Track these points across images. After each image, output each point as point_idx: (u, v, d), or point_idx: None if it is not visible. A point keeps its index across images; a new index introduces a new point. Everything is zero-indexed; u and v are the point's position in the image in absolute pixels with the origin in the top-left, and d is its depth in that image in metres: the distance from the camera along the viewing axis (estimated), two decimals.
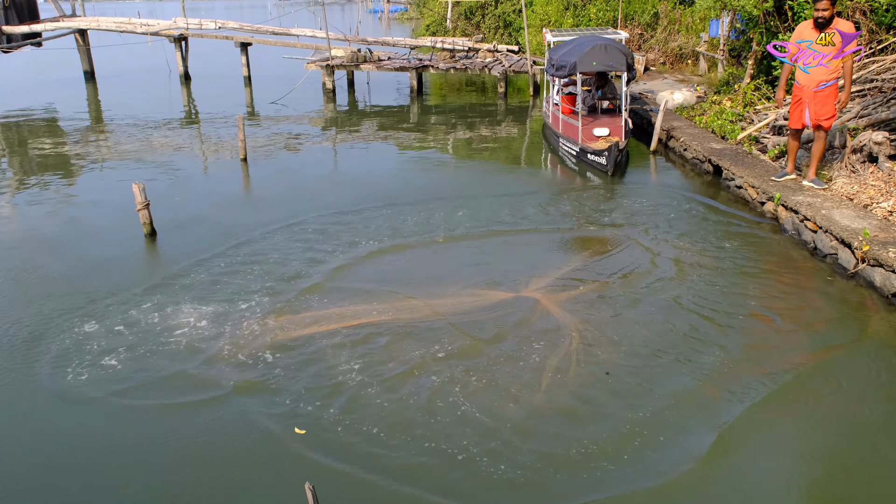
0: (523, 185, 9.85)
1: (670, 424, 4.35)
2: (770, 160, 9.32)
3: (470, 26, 25.65)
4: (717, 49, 15.78)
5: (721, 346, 5.27)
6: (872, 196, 7.30)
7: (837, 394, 4.69)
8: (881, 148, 7.85)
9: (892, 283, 5.81)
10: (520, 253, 7.18)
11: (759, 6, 11.08)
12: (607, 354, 5.15)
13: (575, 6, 21.26)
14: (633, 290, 6.26)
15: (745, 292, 6.19)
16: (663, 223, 7.99)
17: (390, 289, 6.29)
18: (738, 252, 7.09)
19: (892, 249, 5.99)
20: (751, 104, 11.58)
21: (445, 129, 14.22)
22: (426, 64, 18.44)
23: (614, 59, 10.31)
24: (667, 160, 11.22)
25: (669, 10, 19.54)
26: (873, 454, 4.09)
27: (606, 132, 10.71)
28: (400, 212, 8.39)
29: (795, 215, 7.40)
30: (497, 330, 5.52)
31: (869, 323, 5.59)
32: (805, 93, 7.38)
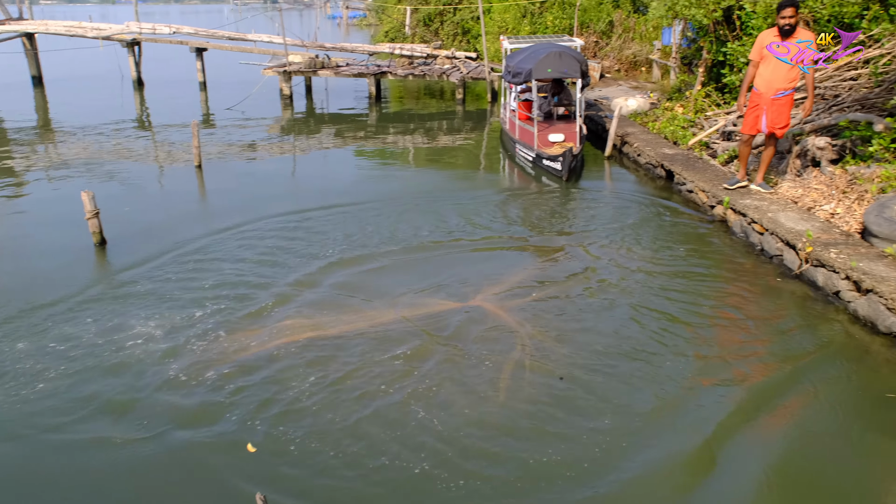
0: (480, 190, 9.91)
1: (630, 430, 4.37)
2: (720, 165, 9.55)
3: (429, 33, 25.73)
4: (669, 57, 16.13)
5: (676, 351, 5.35)
6: (816, 199, 7.53)
7: (788, 397, 4.81)
8: (823, 153, 8.11)
9: (834, 283, 6.00)
10: (474, 261, 7.16)
11: (708, 16, 11.35)
12: (561, 361, 5.17)
13: (532, 14, 21.50)
14: (587, 295, 6.33)
15: (698, 294, 6.32)
16: (617, 227, 8.11)
17: (344, 301, 6.20)
18: (690, 255, 7.24)
19: (833, 250, 6.19)
20: (701, 110, 11.85)
21: (404, 135, 14.25)
22: (385, 70, 18.45)
23: (569, 66, 10.48)
24: (621, 165, 11.41)
25: (624, 19, 19.91)
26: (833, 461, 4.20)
27: (562, 138, 10.85)
28: (356, 219, 8.36)
29: (744, 218, 7.60)
30: (449, 340, 5.47)
31: (816, 325, 5.74)
32: (763, 100, 7.46)
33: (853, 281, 5.79)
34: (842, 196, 7.33)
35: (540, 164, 10.66)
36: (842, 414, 4.56)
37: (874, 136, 7.57)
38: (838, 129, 8.38)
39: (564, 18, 20.55)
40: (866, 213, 6.48)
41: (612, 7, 20.60)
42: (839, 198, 7.34)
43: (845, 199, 7.26)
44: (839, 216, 7.08)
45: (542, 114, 11.90)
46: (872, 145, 7.45)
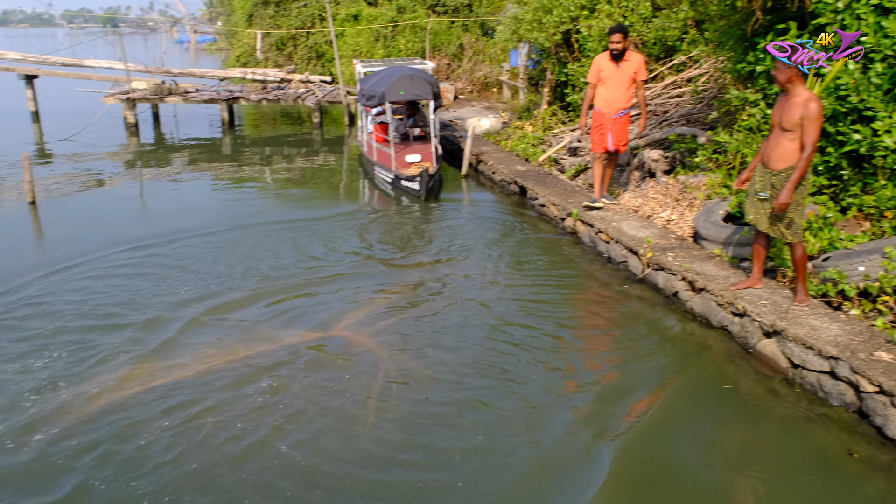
0: (341, 214, 9.84)
1: (495, 450, 4.40)
2: (568, 179, 10.09)
3: (282, 57, 25.35)
4: (517, 78, 16.88)
5: (536, 360, 5.51)
6: (653, 207, 8.13)
7: (638, 395, 5.11)
8: (658, 164, 8.79)
9: (673, 285, 6.48)
10: (336, 287, 7.03)
11: (549, 39, 12.01)
12: (427, 381, 5.20)
13: (385, 37, 21.77)
14: (449, 312, 6.42)
15: (554, 304, 6.60)
16: (476, 243, 8.34)
17: (199, 339, 5.87)
18: (545, 267, 7.57)
19: (670, 254, 6.70)
20: (549, 128, 12.48)
21: (261, 161, 13.91)
22: (237, 95, 17.97)
23: (421, 88, 10.71)
24: (478, 183, 11.77)
25: (473, 42, 20.63)
26: (680, 452, 4.49)
27: (419, 158, 11.05)
28: (212, 250, 8.03)
29: (591, 229, 8.06)
30: (311, 371, 5.33)
31: (660, 325, 6.15)
32: (606, 119, 7.78)
33: (688, 281, 6.28)
34: (675, 204, 7.96)
35: (399, 185, 10.79)
36: (686, 407, 4.89)
37: (699, 147, 8.30)
38: (669, 142, 9.12)
39: (416, 42, 20.98)
40: (696, 218, 7.07)
41: (461, 31, 21.29)
42: (673, 205, 7.97)
43: (678, 207, 7.90)
44: (674, 222, 7.68)
45: (398, 136, 12.07)
46: (698, 156, 8.16)
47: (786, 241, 5.30)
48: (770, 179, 5.20)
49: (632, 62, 7.64)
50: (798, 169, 4.95)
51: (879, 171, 5.82)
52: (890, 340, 4.72)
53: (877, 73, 5.59)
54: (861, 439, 4.35)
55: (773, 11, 6.59)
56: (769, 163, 5.20)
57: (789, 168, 5.05)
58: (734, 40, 7.18)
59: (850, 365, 4.54)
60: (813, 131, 4.87)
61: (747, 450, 4.42)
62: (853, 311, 5.24)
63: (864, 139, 5.72)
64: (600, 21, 11.12)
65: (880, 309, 5.14)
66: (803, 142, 4.93)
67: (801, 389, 4.94)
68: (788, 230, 5.21)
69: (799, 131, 4.94)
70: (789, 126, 4.97)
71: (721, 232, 6.64)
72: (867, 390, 4.41)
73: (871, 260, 5.12)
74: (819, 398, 4.80)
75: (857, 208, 6.09)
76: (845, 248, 5.66)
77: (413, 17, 21.52)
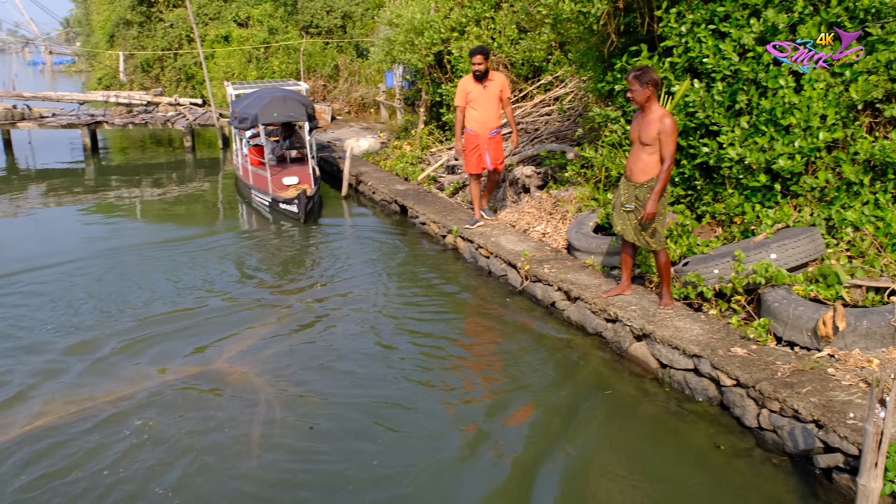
0: (218, 240, 9.51)
1: (390, 477, 4.35)
2: (447, 197, 10.27)
3: (148, 79, 24.29)
4: (394, 98, 17.04)
5: (423, 380, 5.53)
6: (529, 221, 8.42)
7: (519, 404, 5.25)
8: (531, 180, 9.13)
9: (550, 295, 6.73)
10: (215, 318, 6.76)
11: (422, 60, 12.22)
12: (312, 410, 5.08)
13: (258, 59, 21.36)
14: (334, 337, 6.35)
15: (439, 321, 6.67)
16: (358, 264, 8.31)
17: (61, 382, 5.49)
18: (428, 284, 7.64)
19: (546, 266, 6.96)
20: (427, 147, 12.67)
21: (130, 188, 13.23)
22: (100, 120, 17.02)
23: (294, 109, 10.60)
24: (359, 203, 11.74)
25: (349, 63, 20.64)
26: (564, 456, 4.64)
27: (296, 181, 10.91)
28: (76, 284, 7.54)
29: (471, 244, 8.23)
30: (187, 410, 5.10)
31: (540, 335, 6.36)
32: (481, 140, 7.97)
33: (564, 291, 6.55)
34: (549, 217, 8.29)
35: (277, 208, 10.59)
36: (567, 415, 5.07)
37: (568, 163, 8.69)
38: (540, 158, 9.49)
39: (290, 63, 20.74)
40: (568, 230, 7.39)
41: (336, 52, 21.25)
42: (547, 219, 8.29)
43: (552, 220, 8.22)
44: (549, 235, 7.99)
45: (275, 158, 11.88)
46: (568, 171, 8.55)
47: (650, 249, 5.64)
48: (633, 192, 5.52)
49: (496, 81, 7.85)
50: (660, 180, 5.29)
51: (727, 180, 6.33)
52: (744, 336, 5.12)
53: (718, 92, 6.10)
54: (724, 430, 4.68)
55: (627, 34, 7.05)
56: (631, 176, 5.53)
57: (650, 180, 5.39)
58: (594, 61, 7.60)
59: (711, 361, 4.88)
60: (670, 145, 5.23)
61: (622, 451, 4.63)
62: (711, 311, 5.65)
63: (712, 152, 6.21)
64: (470, 43, 11.45)
65: (734, 308, 5.57)
66: (662, 155, 5.29)
67: (670, 388, 5.25)
68: (652, 239, 5.55)
69: (657, 145, 5.29)
70: (648, 141, 5.31)
71: (592, 243, 6.97)
72: (726, 384, 4.76)
73: (723, 263, 5.54)
74: (686, 395, 5.13)
75: (710, 215, 6.59)
76: (702, 252, 6.10)
77: (286, 39, 21.27)
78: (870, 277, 5.10)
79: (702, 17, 6.19)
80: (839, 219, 5.63)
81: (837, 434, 3.91)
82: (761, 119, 5.89)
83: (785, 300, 5.04)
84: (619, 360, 5.71)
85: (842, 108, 5.64)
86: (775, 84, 5.78)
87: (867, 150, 5.50)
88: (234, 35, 22.39)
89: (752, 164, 5.91)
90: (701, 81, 6.30)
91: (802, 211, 5.83)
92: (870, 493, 3.34)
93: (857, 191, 5.67)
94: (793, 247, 5.36)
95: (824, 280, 5.18)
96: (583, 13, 6.75)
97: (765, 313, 5.17)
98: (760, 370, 4.63)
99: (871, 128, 5.81)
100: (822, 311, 4.79)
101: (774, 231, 5.71)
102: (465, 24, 11.84)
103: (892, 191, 5.59)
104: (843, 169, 5.62)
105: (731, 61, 5.97)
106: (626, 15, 6.78)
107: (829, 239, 5.63)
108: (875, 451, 3.27)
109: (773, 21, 5.71)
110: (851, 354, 4.64)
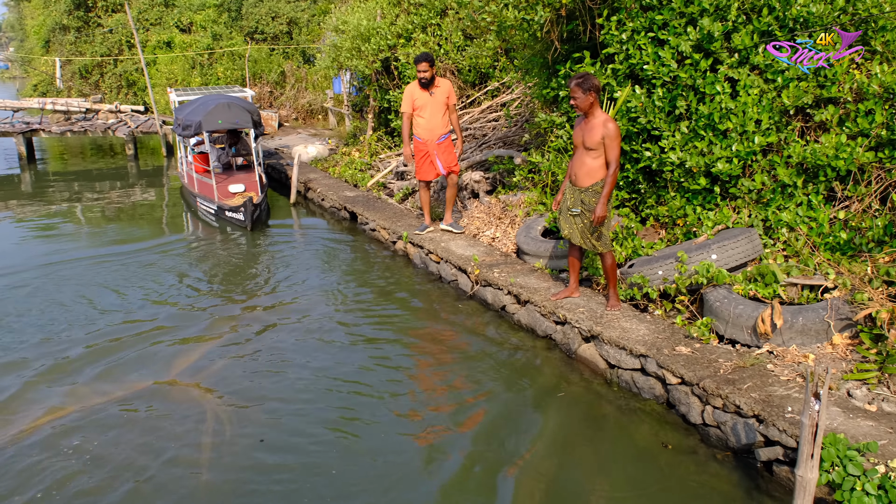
0: (163, 250, 9.29)
1: (343, 492, 4.33)
2: (397, 203, 10.27)
3: (87, 86, 23.62)
4: (342, 104, 16.95)
5: (381, 390, 5.49)
6: (479, 226, 8.48)
7: (475, 409, 5.28)
8: (480, 185, 9.19)
9: (500, 299, 6.79)
10: (162, 331, 6.62)
11: (369, 66, 12.20)
12: (262, 422, 5.01)
13: (201, 65, 20.99)
14: (285, 348, 6.25)
15: (390, 328, 6.65)
16: (309, 272, 8.23)
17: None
18: (380, 291, 7.62)
19: (496, 270, 7.02)
20: (376, 154, 12.64)
21: (70, 198, 12.82)
22: (35, 128, 16.47)
23: (239, 116, 10.47)
24: (308, 211, 11.63)
25: (295, 69, 20.45)
26: (518, 455, 4.68)
27: (242, 188, 10.77)
28: (8, 294, 7.27)
29: (421, 250, 8.25)
30: (136, 425, 4.97)
31: (492, 339, 6.41)
32: (430, 146, 7.92)
33: (514, 295, 6.62)
34: (498, 222, 8.36)
35: (223, 216, 10.42)
36: (520, 419, 5.12)
37: (516, 168, 8.79)
38: (489, 163, 9.57)
39: (235, 69, 20.45)
40: (517, 234, 7.47)
41: (282, 58, 21.03)
42: (496, 223, 8.36)
43: (501, 224, 8.30)
44: (498, 239, 8.06)
45: (220, 165, 11.71)
46: (516, 176, 8.64)
47: (596, 251, 5.75)
48: (579, 196, 5.62)
49: (443, 88, 7.86)
50: (608, 184, 5.40)
51: (669, 184, 6.50)
52: (688, 336, 5.26)
53: (658, 97, 6.27)
54: (670, 428, 4.79)
55: (570, 42, 7.18)
56: (576, 181, 5.63)
57: (595, 184, 5.50)
58: (538, 68, 7.71)
59: (657, 361, 5.00)
60: (614, 149, 5.34)
61: (574, 452, 4.70)
62: (657, 311, 5.79)
63: (654, 156, 6.37)
64: (417, 49, 11.49)
65: (678, 308, 5.72)
66: (607, 159, 5.40)
67: (618, 388, 5.36)
68: (598, 242, 5.66)
69: (601, 150, 5.40)
70: (592, 145, 5.42)
71: (540, 246, 7.06)
72: (672, 382, 4.88)
73: (667, 264, 5.68)
74: (634, 394, 5.24)
75: (654, 218, 6.75)
76: (646, 254, 6.24)
77: (230, 45, 20.96)
78: (804, 276, 5.31)
79: (641, 25, 6.35)
80: (775, 220, 5.84)
81: (777, 427, 4.06)
82: (700, 124, 6.07)
83: (726, 299, 5.20)
84: (569, 362, 5.80)
85: (775, 113, 5.86)
86: (712, 90, 5.97)
87: (799, 153, 5.73)
88: (176, 41, 21.96)
89: (693, 167, 6.08)
90: (642, 87, 6.45)
91: (741, 212, 6.03)
92: (807, 484, 3.47)
93: (791, 193, 5.89)
94: (732, 247, 5.54)
95: (762, 279, 5.37)
96: (526, 21, 6.84)
97: (707, 312, 5.33)
98: (704, 368, 4.76)
99: (803, 132, 6.05)
100: (760, 309, 4.96)
101: (715, 232, 5.89)
102: (411, 30, 11.88)
103: (823, 192, 5.82)
104: (778, 172, 5.83)
105: (670, 68, 6.14)
106: (569, 23, 6.90)
107: (767, 239, 5.84)
108: (811, 442, 3.41)
109: (708, 29, 5.90)
110: (789, 350, 4.82)
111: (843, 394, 4.35)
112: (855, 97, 5.70)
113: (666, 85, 6.31)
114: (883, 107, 5.49)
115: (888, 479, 3.48)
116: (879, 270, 5.02)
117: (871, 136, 5.54)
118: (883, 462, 3.59)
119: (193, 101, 11.50)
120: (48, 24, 24.33)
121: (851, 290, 4.97)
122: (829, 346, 4.81)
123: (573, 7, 6.61)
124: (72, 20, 23.30)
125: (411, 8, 12.07)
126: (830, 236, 5.57)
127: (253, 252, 9.19)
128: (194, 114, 10.58)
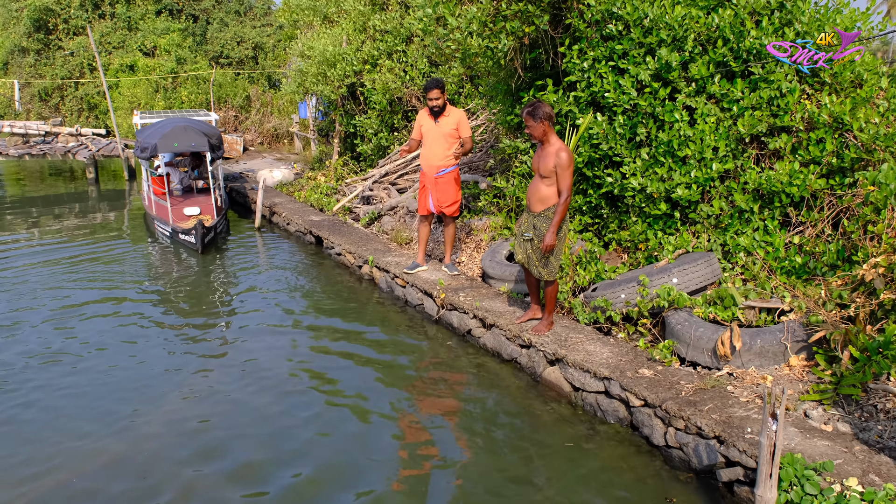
0: (118, 277, 9.11)
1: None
2: (363, 227, 10.27)
3: (47, 108, 23.22)
4: (308, 129, 16.95)
5: (345, 417, 5.46)
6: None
7: (446, 432, 5.26)
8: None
9: (466, 323, 6.81)
10: (112, 370, 6.43)
11: (335, 92, 12.25)
12: (220, 448, 4.97)
13: (165, 89, 20.83)
14: (246, 379, 6.11)
15: (357, 354, 6.59)
16: (273, 298, 8.14)
17: None
18: (346, 316, 7.56)
19: (462, 294, 7.04)
20: (342, 178, 12.65)
21: (26, 223, 12.53)
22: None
23: (195, 139, 10.45)
24: (273, 235, 11.55)
25: (261, 94, 20.43)
26: (486, 472, 4.66)
27: (198, 211, 10.78)
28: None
29: (387, 274, 8.24)
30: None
31: (458, 363, 6.41)
32: (428, 179, 7.40)
33: (479, 318, 6.64)
34: (464, 246, 8.41)
35: (177, 239, 10.38)
36: (485, 444, 5.12)
37: (481, 193, 8.87)
38: None
39: (200, 94, 20.34)
40: (483, 258, 7.52)
41: (247, 83, 21.00)
42: (462, 247, 8.40)
43: (467, 248, 8.35)
44: (464, 263, 8.10)
45: (181, 188, 11.69)
46: (481, 201, 8.72)
47: (542, 279, 5.80)
48: (532, 221, 5.69)
49: (451, 118, 7.22)
50: (558, 212, 5.46)
51: (631, 209, 6.63)
52: (650, 358, 5.34)
53: (619, 125, 6.41)
54: (635, 450, 4.83)
55: (533, 69, 7.32)
56: (531, 206, 5.70)
57: (547, 209, 5.57)
58: (502, 95, 7.84)
59: (620, 383, 5.05)
60: (566, 178, 5.42)
61: (539, 477, 4.70)
62: (620, 334, 5.86)
63: (616, 182, 6.50)
64: (382, 76, 11.58)
65: (641, 331, 5.81)
66: (559, 188, 5.47)
67: (583, 411, 5.39)
68: (545, 269, 5.69)
69: (554, 178, 5.47)
70: (545, 173, 5.50)
71: (505, 270, 7.12)
72: (635, 405, 4.93)
73: (629, 288, 5.77)
74: (598, 417, 5.27)
75: (616, 243, 6.86)
76: (609, 278, 6.33)
77: (195, 69, 20.86)
78: (762, 299, 5.44)
79: (602, 55, 6.51)
80: (733, 244, 5.99)
81: (737, 448, 4.12)
82: (660, 151, 6.22)
83: (687, 322, 5.30)
84: (535, 385, 5.82)
85: (731, 140, 6.03)
86: (671, 118, 6.13)
87: (755, 179, 5.90)
88: (140, 64, 21.77)
89: (654, 193, 6.21)
90: (604, 115, 6.60)
91: (700, 237, 6.16)
92: (766, 503, 3.53)
93: (748, 218, 6.05)
94: (692, 271, 5.66)
95: (721, 302, 5.48)
96: (490, 49, 6.96)
97: (669, 335, 5.42)
98: (666, 390, 4.83)
99: (758, 159, 6.23)
100: (720, 332, 5.06)
101: (675, 256, 6.01)
102: (377, 56, 11.98)
103: (778, 218, 6.00)
104: (735, 197, 5.99)
105: (630, 96, 6.29)
106: (532, 51, 7.04)
107: (725, 263, 5.97)
108: (769, 462, 3.47)
109: (666, 59, 6.07)
110: (748, 372, 4.92)
111: (800, 414, 4.45)
112: (806, 126, 5.90)
113: (626, 112, 6.46)
114: (833, 136, 5.70)
115: (844, 499, 3.56)
116: (832, 293, 5.17)
117: (822, 164, 5.74)
118: (839, 481, 3.68)
119: (154, 125, 11.49)
120: (6, 45, 23.94)
121: (807, 312, 5.11)
122: (786, 368, 4.92)
123: (536, 36, 6.75)
124: (31, 42, 22.97)
125: (377, 35, 12.18)
126: (786, 260, 5.72)
127: (205, 278, 9.05)
128: (152, 136, 10.60)
